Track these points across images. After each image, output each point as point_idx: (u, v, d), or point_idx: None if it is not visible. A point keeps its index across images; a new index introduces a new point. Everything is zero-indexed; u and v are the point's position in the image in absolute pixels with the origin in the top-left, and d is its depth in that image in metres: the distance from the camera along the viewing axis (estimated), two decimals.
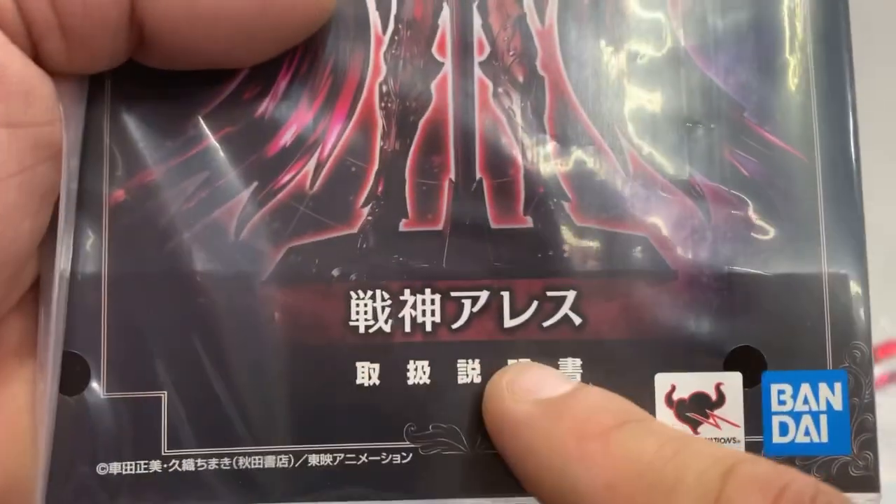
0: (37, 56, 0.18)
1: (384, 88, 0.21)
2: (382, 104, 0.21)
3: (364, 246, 0.20)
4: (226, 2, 0.18)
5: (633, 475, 0.17)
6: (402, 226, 0.20)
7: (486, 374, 0.20)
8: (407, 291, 0.20)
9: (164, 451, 0.20)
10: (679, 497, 0.16)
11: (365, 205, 0.20)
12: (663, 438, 0.17)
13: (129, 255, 0.20)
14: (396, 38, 0.21)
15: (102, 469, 0.20)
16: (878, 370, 0.40)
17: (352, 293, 0.20)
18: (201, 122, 0.20)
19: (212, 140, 0.20)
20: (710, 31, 0.21)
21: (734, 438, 0.20)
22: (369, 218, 0.20)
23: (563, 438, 0.18)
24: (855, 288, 0.20)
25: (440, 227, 0.20)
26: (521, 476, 0.19)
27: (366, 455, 0.20)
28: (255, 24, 0.18)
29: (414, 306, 0.20)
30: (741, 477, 0.16)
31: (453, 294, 0.20)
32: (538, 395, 0.19)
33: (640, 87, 0.21)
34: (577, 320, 0.20)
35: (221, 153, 0.20)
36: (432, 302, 0.20)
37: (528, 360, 0.20)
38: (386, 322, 0.20)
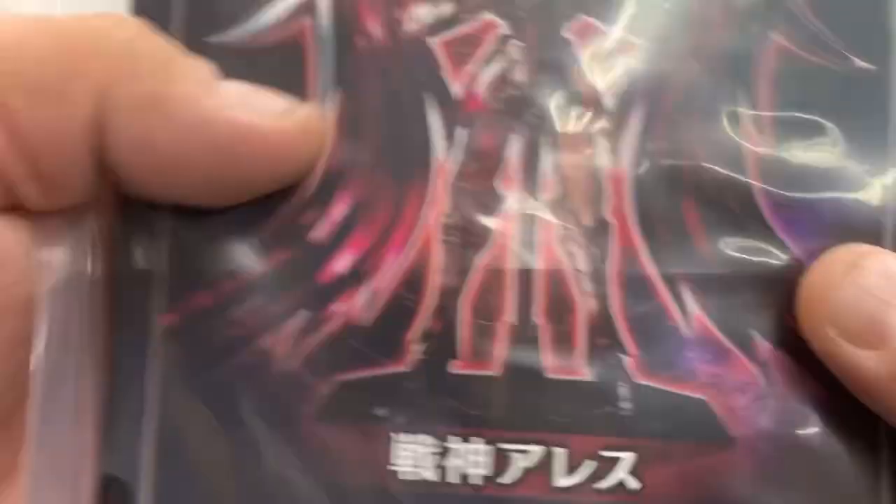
0: (14, 201, 0.18)
1: (444, 221, 0.20)
2: (441, 237, 0.20)
3: (412, 386, 0.19)
4: (185, 157, 0.18)
5: None
6: (454, 367, 0.19)
7: None
8: (454, 438, 0.19)
9: None
10: None
11: (416, 342, 0.20)
12: None
13: (179, 383, 0.20)
14: (461, 169, 0.20)
15: None
16: None
17: (395, 435, 0.19)
18: (255, 246, 0.20)
19: (264, 265, 0.20)
20: None
21: None
22: (420, 356, 0.19)
23: None
24: None
25: (493, 371, 0.19)
26: None
27: None
28: (218, 176, 0.18)
29: (460, 455, 0.19)
30: None
31: (502, 445, 0.19)
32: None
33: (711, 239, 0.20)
34: (635, 485, 0.19)
35: (273, 279, 0.20)
36: (480, 452, 0.19)
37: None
38: (430, 470, 0.19)
